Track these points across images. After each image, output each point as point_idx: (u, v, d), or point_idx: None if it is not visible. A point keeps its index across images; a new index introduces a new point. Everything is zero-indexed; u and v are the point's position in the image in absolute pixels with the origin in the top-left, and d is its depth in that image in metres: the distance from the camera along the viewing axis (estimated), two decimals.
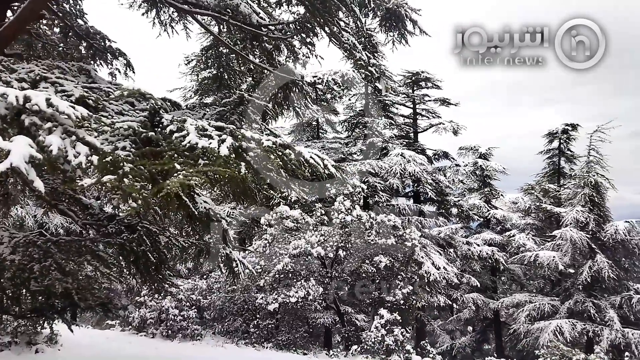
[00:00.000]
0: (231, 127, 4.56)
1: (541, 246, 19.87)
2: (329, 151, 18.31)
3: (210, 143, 4.22)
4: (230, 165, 4.15)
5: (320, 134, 19.93)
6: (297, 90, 9.23)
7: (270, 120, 10.32)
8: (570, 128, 22.18)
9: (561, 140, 22.57)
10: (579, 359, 13.97)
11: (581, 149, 18.74)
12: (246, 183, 4.58)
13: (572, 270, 17.82)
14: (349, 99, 21.01)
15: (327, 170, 4.61)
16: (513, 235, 21.97)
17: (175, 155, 4.13)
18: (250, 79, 10.45)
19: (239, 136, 4.34)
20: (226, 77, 9.55)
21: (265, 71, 9.11)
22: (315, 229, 14.66)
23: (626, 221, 17.31)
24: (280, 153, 4.30)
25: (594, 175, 17.63)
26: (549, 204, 21.08)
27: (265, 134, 7.51)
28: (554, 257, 17.53)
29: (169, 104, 6.39)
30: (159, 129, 4.50)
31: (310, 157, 4.50)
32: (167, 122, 4.48)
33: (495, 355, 19.30)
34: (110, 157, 3.70)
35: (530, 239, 21.54)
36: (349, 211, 14.58)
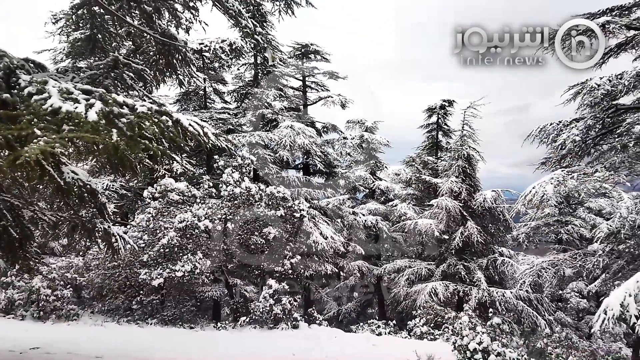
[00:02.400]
0: (101, 91, 4.22)
1: (420, 215, 21.23)
2: (218, 122, 17.85)
3: (77, 107, 3.88)
4: (100, 132, 3.86)
5: (208, 104, 19.31)
6: (180, 57, 8.79)
7: (151, 88, 9.75)
8: (447, 104, 23.69)
9: (439, 116, 24.06)
10: (450, 316, 15.29)
11: (457, 124, 20.12)
12: (120, 152, 4.28)
13: (446, 237, 19.29)
14: (238, 69, 20.56)
15: (207, 138, 4.46)
16: (395, 205, 23.23)
17: (35, 119, 3.74)
18: (130, 43, 9.76)
19: (110, 101, 4.03)
20: (101, 39, 8.82)
21: (146, 35, 8.56)
22: (202, 201, 14.31)
23: (493, 190, 18.97)
24: (156, 120, 4.07)
25: (466, 149, 19.05)
26: (428, 175, 22.53)
27: (148, 101, 7.07)
28: (431, 224, 18.82)
29: (32, 65, 5.77)
30: (16, 91, 4.04)
31: (190, 124, 4.32)
32: (25, 83, 4.03)
33: (377, 317, 20.48)
34: None
35: (410, 208, 22.91)
36: (238, 183, 14.41)
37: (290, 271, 14.64)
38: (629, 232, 11.47)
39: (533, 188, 12.56)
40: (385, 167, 25.58)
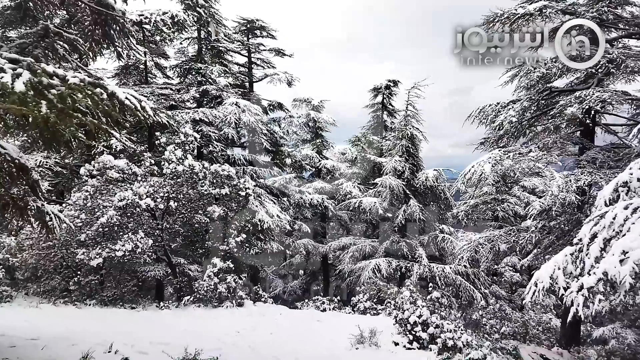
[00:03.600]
0: (29, 60, 3.97)
1: (365, 193, 21.58)
2: (159, 97, 17.26)
3: (2, 77, 3.64)
4: (29, 104, 3.64)
5: (149, 78, 18.60)
6: (117, 27, 8.37)
7: (87, 60, 9.28)
8: (392, 84, 23.99)
9: (384, 96, 24.36)
10: (393, 291, 15.74)
11: (402, 104, 20.41)
12: (51, 126, 4.07)
13: (390, 214, 19.73)
14: (181, 43, 19.88)
15: (145, 113, 4.30)
16: (341, 184, 23.48)
17: None
18: (64, 12, 9.24)
19: (39, 71, 3.80)
20: (32, 7, 8.30)
21: (80, 4, 8.10)
22: (144, 179, 13.90)
23: (435, 169, 19.48)
24: (89, 92, 3.88)
25: (410, 129, 19.42)
26: (373, 155, 22.87)
27: (83, 74, 6.73)
28: (375, 202, 19.18)
29: None
30: None
31: (126, 98, 4.14)
32: None
33: (322, 294, 20.79)
34: None
35: (356, 186, 23.24)
36: (181, 161, 14.08)
37: (235, 250, 14.55)
38: (559, 210, 12.10)
39: (472, 167, 12.97)
40: (332, 146, 25.74)
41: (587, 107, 10.81)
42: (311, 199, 22.06)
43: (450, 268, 17.70)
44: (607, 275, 6.49)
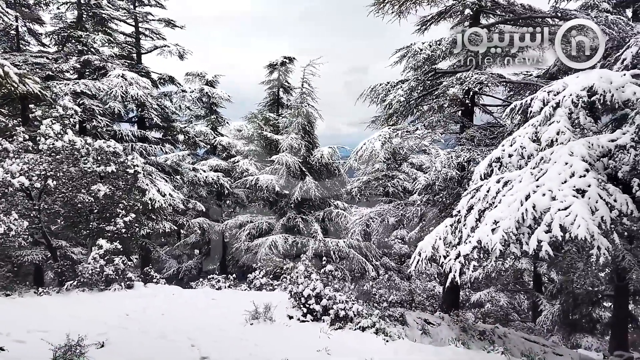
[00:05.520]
0: None
1: (262, 170, 21.51)
2: (34, 67, 15.69)
3: None
4: None
5: (21, 45, 16.83)
6: None
7: None
8: (288, 61, 23.93)
9: (280, 72, 24.26)
10: (289, 267, 15.96)
11: (298, 82, 20.43)
12: None
13: (286, 191, 19.88)
14: (58, 8, 18.19)
15: (9, 80, 3.86)
16: (237, 161, 23.20)
17: None
18: None
19: None
20: None
21: None
22: (17, 156, 12.65)
23: (329, 147, 19.90)
24: None
25: (306, 106, 19.58)
26: (269, 132, 22.78)
27: None
28: (272, 180, 19.21)
29: None
30: None
31: None
32: None
33: (219, 273, 20.56)
34: None
35: (252, 164, 23.09)
36: (60, 136, 13.00)
37: (123, 230, 13.82)
38: (442, 184, 12.94)
39: (364, 144, 13.41)
40: (227, 122, 25.24)
41: (467, 88, 11.57)
42: (206, 177, 21.55)
43: (344, 242, 18.31)
44: (481, 243, 7.05)
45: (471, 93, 12.97)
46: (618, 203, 6.33)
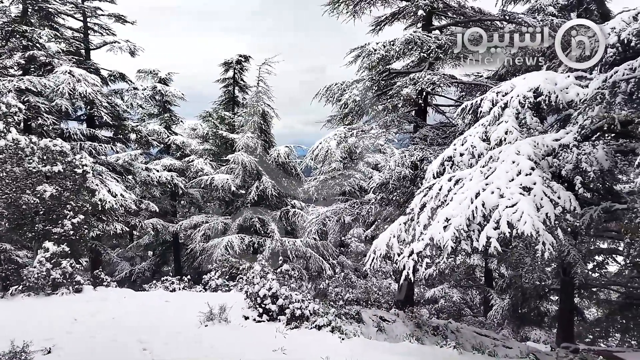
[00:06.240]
0: None
1: (217, 170, 21.21)
2: None
3: None
4: None
5: None
6: None
7: None
8: (243, 59, 23.71)
9: (235, 70, 24.00)
10: (245, 267, 15.81)
11: (254, 80, 20.25)
12: None
13: (243, 191, 19.69)
14: (1, 1, 17.34)
15: None
16: (192, 161, 22.78)
17: None
18: None
19: None
20: None
21: None
22: None
23: (286, 146, 19.83)
24: None
25: (262, 105, 19.45)
26: (225, 131, 22.50)
27: None
28: (227, 179, 18.98)
29: None
30: None
31: None
32: None
33: (173, 275, 20.15)
34: None
35: (208, 163, 22.73)
36: (3, 135, 12.40)
37: (71, 232, 13.32)
38: (396, 183, 13.13)
39: (319, 144, 13.46)
40: (181, 121, 24.74)
41: (420, 88, 11.78)
42: (159, 177, 21.06)
43: (302, 241, 18.29)
44: (433, 241, 7.20)
45: (424, 93, 13.22)
46: (562, 200, 6.59)
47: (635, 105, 6.87)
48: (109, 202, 16.30)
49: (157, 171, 21.43)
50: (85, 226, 13.80)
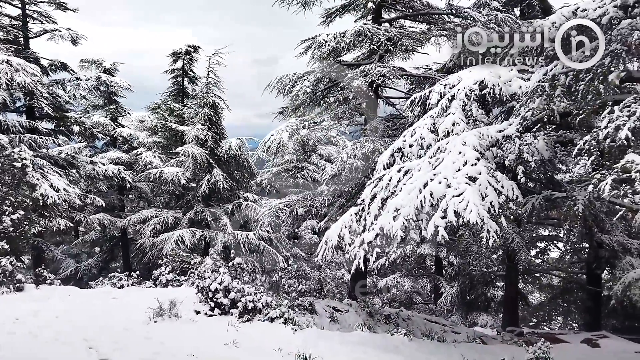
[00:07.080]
0: None
1: (167, 163, 20.73)
2: None
3: None
4: None
5: None
6: None
7: None
8: (192, 50, 23.18)
9: (184, 61, 23.45)
10: (196, 261, 15.58)
11: (204, 71, 19.86)
12: None
13: (193, 184, 19.35)
14: None
15: None
16: (140, 154, 22.15)
17: None
18: None
19: None
20: None
21: None
22: None
23: (238, 138, 19.60)
24: None
25: (212, 96, 19.13)
26: (174, 123, 21.97)
27: None
28: (177, 172, 18.59)
29: None
30: None
31: None
32: None
33: (122, 271, 19.59)
34: None
35: (156, 156, 22.16)
36: None
37: (11, 229, 12.70)
38: (348, 174, 13.23)
39: (271, 135, 13.38)
40: (128, 113, 23.97)
41: (370, 80, 11.89)
42: (105, 170, 20.36)
43: (254, 234, 18.18)
44: (383, 230, 7.31)
45: (375, 85, 13.34)
46: (505, 189, 6.83)
47: (574, 97, 7.18)
48: (51, 197, 15.63)
49: (103, 164, 20.71)
50: (25, 222, 13.20)
